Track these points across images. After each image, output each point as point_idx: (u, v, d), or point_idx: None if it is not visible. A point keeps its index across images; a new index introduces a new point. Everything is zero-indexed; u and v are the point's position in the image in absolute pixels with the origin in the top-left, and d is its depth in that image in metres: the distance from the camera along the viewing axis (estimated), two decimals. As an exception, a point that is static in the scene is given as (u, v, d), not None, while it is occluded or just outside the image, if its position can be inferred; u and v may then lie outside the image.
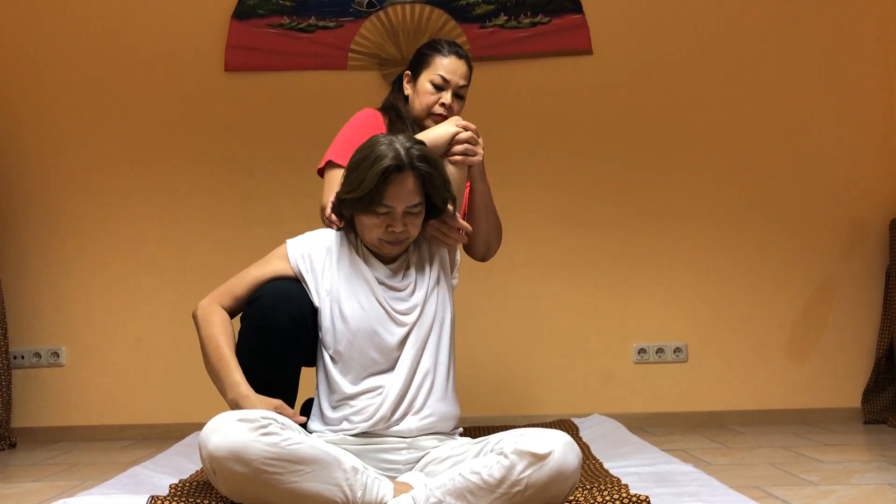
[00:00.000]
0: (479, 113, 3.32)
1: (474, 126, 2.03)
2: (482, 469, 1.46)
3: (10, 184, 3.30)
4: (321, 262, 1.82)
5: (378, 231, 1.74)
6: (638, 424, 3.06)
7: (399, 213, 1.71)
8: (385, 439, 1.68)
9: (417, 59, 2.26)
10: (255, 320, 1.74)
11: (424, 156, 1.72)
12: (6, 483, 2.36)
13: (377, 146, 1.71)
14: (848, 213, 3.28)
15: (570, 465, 1.47)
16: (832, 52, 3.31)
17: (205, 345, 1.74)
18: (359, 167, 1.70)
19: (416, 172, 1.71)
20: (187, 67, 3.33)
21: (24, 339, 3.25)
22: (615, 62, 3.32)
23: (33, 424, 3.22)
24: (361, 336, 1.74)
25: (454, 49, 2.24)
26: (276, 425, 1.46)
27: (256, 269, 1.83)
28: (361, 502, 1.48)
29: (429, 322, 1.79)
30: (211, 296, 1.81)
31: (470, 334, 3.26)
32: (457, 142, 1.97)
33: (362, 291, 1.78)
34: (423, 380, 1.74)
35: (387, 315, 1.77)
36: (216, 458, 1.42)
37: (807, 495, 1.90)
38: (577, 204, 3.31)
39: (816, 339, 3.26)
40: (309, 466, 1.44)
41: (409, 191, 1.70)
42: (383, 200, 1.70)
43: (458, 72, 2.21)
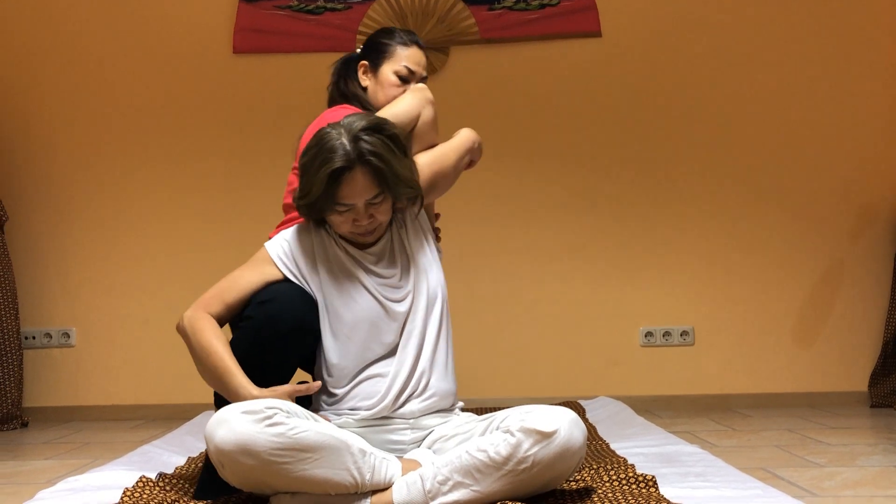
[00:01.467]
0: (488, 95, 3.33)
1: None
2: (489, 447, 1.47)
3: (21, 168, 3.32)
4: (304, 262, 1.76)
5: (346, 226, 1.69)
6: (644, 407, 3.07)
7: (360, 207, 1.65)
8: (389, 421, 1.68)
9: (376, 48, 2.12)
10: (263, 323, 1.66)
11: (374, 149, 1.61)
12: (18, 461, 2.39)
13: (325, 143, 1.62)
14: (856, 198, 3.27)
15: (576, 442, 1.48)
16: (842, 38, 3.28)
17: (198, 354, 1.65)
18: (308, 170, 1.64)
19: (367, 167, 1.61)
20: (196, 50, 3.33)
21: (35, 319, 3.28)
22: (624, 44, 3.31)
23: (44, 404, 3.25)
24: (359, 331, 1.71)
25: (414, 38, 2.13)
26: (281, 414, 1.44)
27: (246, 274, 1.74)
28: (370, 483, 1.49)
29: (424, 305, 1.75)
30: (196, 305, 1.71)
31: (477, 317, 3.27)
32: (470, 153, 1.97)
33: (352, 286, 1.73)
34: (424, 363, 1.73)
35: (381, 307, 1.72)
36: (224, 452, 1.42)
37: (812, 477, 1.90)
38: (584, 187, 3.31)
39: (823, 323, 3.26)
40: (317, 453, 1.44)
41: (364, 186, 1.62)
42: (338, 201, 1.64)
43: (422, 62, 2.11)
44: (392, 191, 1.65)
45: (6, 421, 3.01)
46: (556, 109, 3.32)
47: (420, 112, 1.87)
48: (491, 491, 1.47)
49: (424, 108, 1.88)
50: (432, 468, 1.50)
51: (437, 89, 3.32)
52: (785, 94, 3.29)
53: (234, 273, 1.75)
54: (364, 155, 1.60)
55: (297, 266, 1.75)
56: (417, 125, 1.87)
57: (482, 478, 1.47)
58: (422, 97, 1.90)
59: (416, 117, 1.87)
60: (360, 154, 1.60)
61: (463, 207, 3.32)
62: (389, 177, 1.63)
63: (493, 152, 3.34)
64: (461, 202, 3.32)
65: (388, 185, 1.64)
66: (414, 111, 1.86)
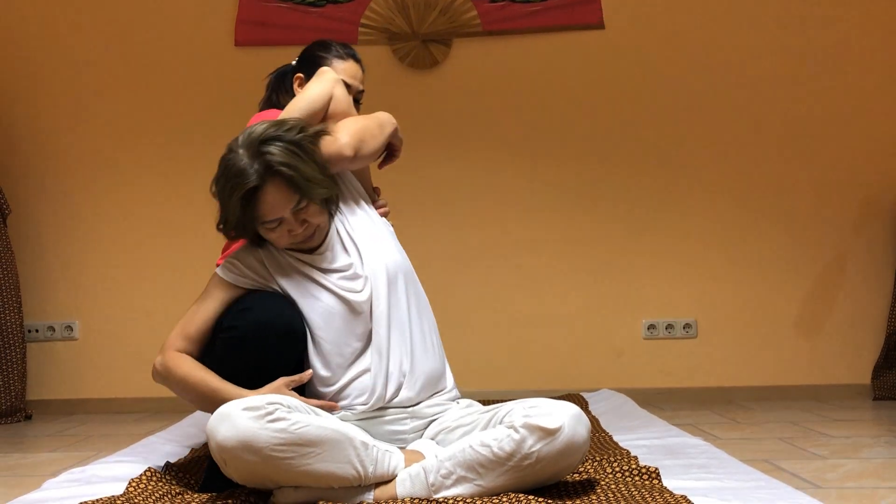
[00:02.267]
0: (490, 87, 3.32)
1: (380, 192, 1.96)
2: (492, 442, 1.47)
3: (24, 160, 3.32)
4: (260, 275, 1.72)
5: (284, 239, 1.66)
6: (647, 400, 3.07)
7: (289, 217, 1.62)
8: (386, 411, 1.67)
9: (312, 61, 2.08)
10: (249, 331, 1.62)
11: (280, 159, 1.57)
12: (22, 453, 2.40)
13: (230, 168, 1.59)
14: (859, 190, 3.26)
15: (580, 437, 1.48)
16: (847, 31, 3.27)
17: (183, 388, 1.64)
18: (222, 198, 1.62)
19: (277, 179, 1.58)
20: (198, 42, 3.33)
21: (38, 313, 3.29)
22: (626, 36, 3.30)
23: (48, 397, 3.26)
24: (331, 331, 1.68)
25: (351, 52, 2.10)
26: (282, 409, 1.43)
27: (204, 304, 1.71)
28: (374, 476, 1.49)
29: (384, 285, 1.70)
30: (161, 350, 1.69)
31: (479, 310, 3.27)
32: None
33: (313, 288, 1.70)
34: (401, 346, 1.69)
35: (343, 302, 1.69)
36: (226, 449, 1.41)
37: (815, 468, 1.90)
38: (587, 179, 3.30)
39: (826, 316, 3.25)
40: (319, 448, 1.43)
41: (282, 198, 1.59)
42: (262, 219, 1.62)
43: (358, 76, 2.08)
44: (308, 195, 1.61)
45: (10, 414, 3.02)
46: (558, 102, 3.32)
47: (331, 93, 1.81)
48: (494, 485, 1.48)
49: (335, 87, 1.83)
50: (436, 461, 1.50)
51: (439, 82, 3.34)
52: (789, 86, 3.28)
53: (190, 308, 1.72)
54: (272, 167, 1.57)
55: (255, 281, 1.72)
56: (332, 106, 1.81)
57: (485, 472, 1.47)
58: (328, 78, 1.84)
59: (328, 99, 1.80)
60: (268, 168, 1.57)
61: (464, 200, 3.32)
62: (301, 182, 1.59)
63: (495, 145, 3.34)
64: (462, 194, 3.32)
65: (302, 190, 1.60)
66: (324, 94, 1.80)
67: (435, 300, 2.76)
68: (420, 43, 3.30)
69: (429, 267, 3.31)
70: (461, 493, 1.47)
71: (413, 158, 3.33)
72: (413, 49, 3.30)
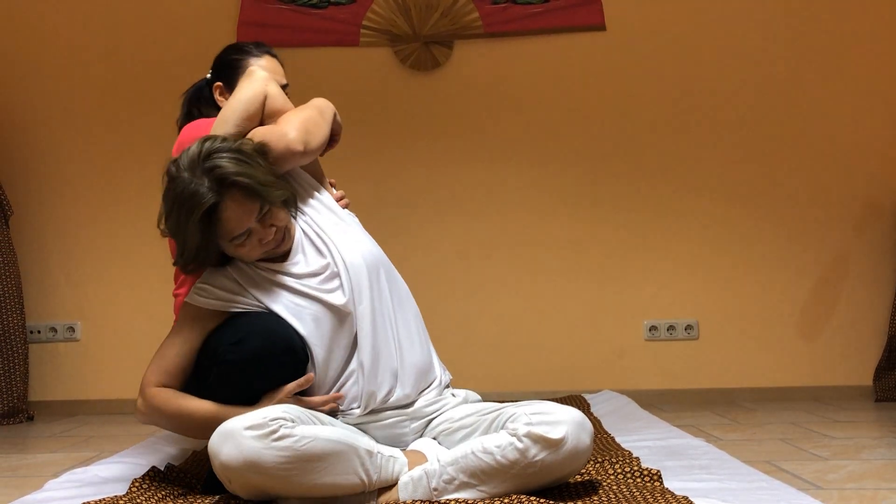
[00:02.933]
0: (492, 89, 3.33)
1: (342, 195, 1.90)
2: (495, 450, 1.46)
3: (26, 162, 3.32)
4: (236, 294, 1.65)
5: (256, 251, 1.61)
6: (648, 401, 3.07)
7: (257, 227, 1.58)
8: (383, 414, 1.65)
9: (229, 66, 2.05)
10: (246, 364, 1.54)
11: (231, 169, 1.53)
12: (24, 454, 2.40)
13: (180, 194, 1.54)
14: (861, 191, 3.26)
15: (583, 445, 1.48)
16: (848, 31, 3.27)
17: (178, 422, 1.59)
18: (179, 229, 1.56)
19: (235, 190, 1.54)
20: (199, 43, 3.32)
21: (40, 314, 3.29)
22: (628, 38, 3.30)
23: (50, 398, 3.26)
24: (319, 337, 1.63)
25: (265, 49, 2.06)
26: (286, 426, 1.40)
27: (179, 337, 1.63)
28: (378, 482, 1.49)
29: (363, 278, 1.66)
30: (143, 389, 1.61)
31: (481, 311, 3.27)
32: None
33: (291, 296, 1.64)
34: (385, 342, 1.66)
35: (323, 305, 1.64)
36: (230, 469, 1.39)
37: (817, 470, 1.90)
38: (588, 181, 3.30)
39: (828, 317, 3.25)
40: (325, 462, 1.42)
41: (244, 210, 1.55)
42: (229, 236, 1.57)
43: (278, 70, 2.04)
44: (268, 199, 1.57)
45: (12, 415, 3.02)
46: (559, 103, 3.32)
47: (265, 91, 1.76)
48: (497, 491, 1.48)
49: (268, 85, 1.78)
50: (438, 466, 1.50)
51: (441, 83, 3.35)
52: (790, 87, 3.28)
53: (164, 343, 1.64)
54: (225, 180, 1.53)
55: (231, 302, 1.64)
56: (268, 104, 1.76)
57: (488, 479, 1.47)
58: (258, 77, 1.80)
59: (263, 98, 1.75)
60: (221, 182, 1.53)
61: (465, 201, 3.32)
62: (258, 188, 1.55)
63: (496, 146, 3.34)
64: (463, 195, 3.33)
65: (262, 196, 1.56)
66: (258, 94, 1.74)
67: (435, 301, 2.79)
68: (421, 44, 3.30)
69: (429, 267, 3.32)
70: (465, 497, 1.47)
71: (414, 159, 3.35)
72: (414, 51, 3.30)
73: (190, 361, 1.62)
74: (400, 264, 2.21)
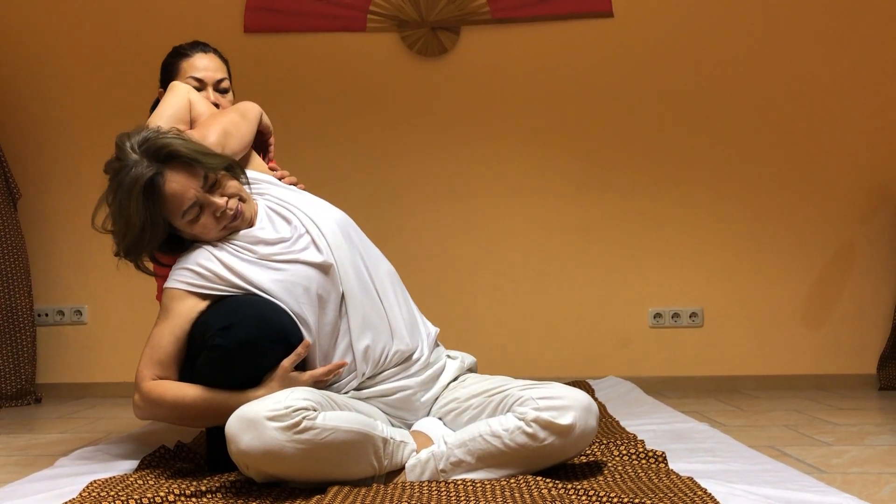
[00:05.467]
0: (499, 75, 3.32)
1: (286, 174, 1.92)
2: (503, 433, 1.48)
3: (34, 146, 3.33)
4: (217, 273, 1.61)
5: (212, 227, 1.61)
6: (653, 388, 3.08)
7: (203, 197, 1.58)
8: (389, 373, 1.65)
9: (165, 72, 2.10)
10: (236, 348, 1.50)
11: (164, 144, 1.56)
12: (33, 434, 2.42)
13: (122, 177, 1.56)
14: (866, 180, 3.26)
15: (590, 428, 1.51)
16: (855, 19, 3.26)
17: (181, 411, 1.55)
18: (122, 210, 1.57)
19: (172, 163, 1.56)
20: (207, 28, 3.32)
21: (48, 297, 3.31)
22: (636, 24, 3.30)
23: (57, 381, 3.28)
24: (311, 302, 1.61)
25: (198, 47, 2.09)
26: (308, 416, 1.39)
27: (167, 325, 1.59)
28: (388, 467, 1.51)
29: (343, 240, 1.66)
30: (136, 385, 1.58)
31: (486, 298, 3.28)
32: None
33: (275, 265, 1.62)
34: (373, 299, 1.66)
35: (310, 265, 1.62)
36: (250, 457, 1.39)
37: (820, 454, 1.91)
38: (594, 168, 3.31)
39: (833, 306, 3.26)
40: (342, 453, 1.43)
41: (186, 179, 1.57)
42: (178, 214, 1.58)
43: (210, 66, 2.06)
44: (208, 167, 1.59)
45: (20, 397, 3.05)
46: (566, 90, 3.32)
47: (186, 99, 1.83)
48: (504, 473, 1.50)
49: (189, 94, 1.85)
50: (445, 448, 1.51)
51: (448, 69, 3.34)
52: (798, 75, 3.27)
53: (153, 333, 1.61)
54: (161, 153, 1.56)
55: (214, 282, 1.60)
56: (194, 111, 1.83)
57: (495, 462, 1.49)
58: (178, 89, 1.87)
59: (186, 106, 1.82)
60: (156, 155, 1.56)
61: (472, 187, 3.33)
62: (196, 156, 1.58)
63: (503, 132, 3.34)
64: (470, 181, 3.33)
65: (201, 163, 1.58)
66: (179, 103, 1.82)
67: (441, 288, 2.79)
68: (429, 30, 3.30)
69: (434, 252, 3.32)
70: (471, 478, 1.49)
71: (421, 145, 3.35)
72: (422, 36, 3.30)
73: (181, 348, 1.59)
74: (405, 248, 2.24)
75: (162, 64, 2.15)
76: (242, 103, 1.92)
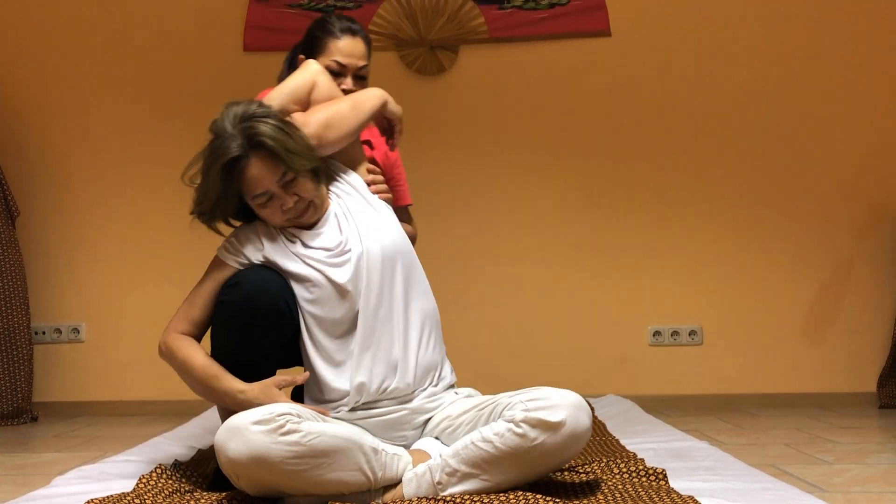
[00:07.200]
0: (497, 94, 3.34)
1: (377, 173, 1.93)
2: (494, 437, 1.47)
3: (33, 164, 3.34)
4: (252, 252, 1.73)
5: (278, 216, 1.68)
6: (652, 406, 3.07)
7: (277, 191, 1.64)
8: (379, 404, 1.65)
9: (310, 42, 2.09)
10: (236, 303, 1.64)
11: (261, 131, 1.61)
12: (29, 453, 2.41)
13: (215, 143, 1.63)
14: (864, 197, 3.27)
15: (583, 426, 1.48)
16: (850, 38, 3.29)
17: (183, 370, 1.67)
18: (205, 172, 1.65)
19: (260, 151, 1.62)
20: (206, 47, 3.35)
21: (45, 315, 3.30)
22: (633, 44, 3.32)
23: (54, 399, 3.27)
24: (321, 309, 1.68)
25: (347, 27, 2.06)
26: (293, 420, 1.42)
27: (202, 286, 1.74)
28: (382, 480, 1.50)
29: (378, 266, 1.68)
30: (167, 330, 1.72)
31: (485, 316, 3.28)
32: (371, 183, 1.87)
33: (299, 266, 1.70)
34: (394, 334, 1.67)
35: (327, 279, 1.68)
36: (238, 464, 1.40)
37: (821, 473, 1.91)
38: (593, 186, 3.31)
39: (832, 323, 3.25)
40: (331, 458, 1.43)
41: (266, 168, 1.62)
42: (250, 193, 1.64)
43: (356, 52, 2.04)
44: (291, 166, 1.63)
45: (16, 415, 3.03)
46: (564, 108, 3.33)
47: (313, 82, 1.84)
48: (500, 479, 1.49)
49: (317, 77, 1.85)
50: (440, 460, 1.51)
51: (446, 88, 3.36)
52: (794, 92, 3.29)
53: (192, 291, 1.75)
54: (253, 139, 1.61)
55: (246, 258, 1.73)
56: (314, 94, 1.83)
57: (490, 467, 1.48)
58: (309, 70, 1.87)
59: (309, 89, 1.83)
60: (250, 139, 1.61)
61: (470, 204, 3.33)
62: (284, 153, 1.62)
63: (501, 151, 3.35)
64: (468, 199, 3.34)
65: (286, 162, 1.63)
66: (304, 84, 1.83)
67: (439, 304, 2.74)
68: (427, 49, 3.32)
69: (430, 272, 3.31)
70: (467, 489, 1.48)
71: (419, 163, 3.35)
72: (420, 55, 3.32)
73: (211, 309, 1.72)
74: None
75: (309, 29, 2.12)
76: (363, 92, 1.92)
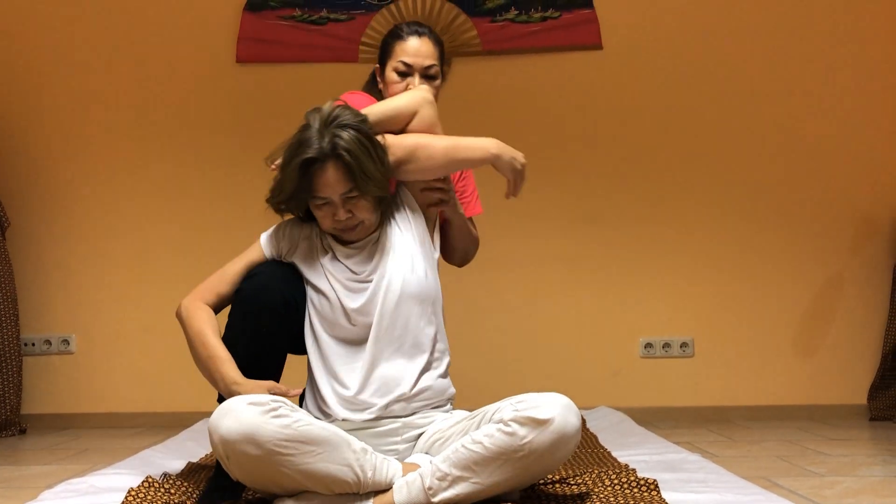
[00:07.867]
0: (489, 107, 3.35)
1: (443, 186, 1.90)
2: (483, 439, 1.47)
3: (23, 174, 3.33)
4: (286, 247, 1.80)
5: (328, 221, 1.70)
6: (644, 418, 3.07)
7: (337, 201, 1.66)
8: (379, 421, 1.66)
9: (382, 49, 2.10)
10: (248, 296, 1.70)
11: (346, 144, 1.62)
12: (17, 466, 2.38)
13: (301, 136, 1.66)
14: (856, 210, 3.29)
15: (571, 426, 1.48)
16: (842, 49, 3.31)
17: (192, 340, 1.70)
18: (285, 162, 1.68)
19: (338, 161, 1.63)
20: (199, 59, 3.35)
21: (35, 326, 3.28)
22: (624, 57, 3.34)
23: (43, 411, 3.24)
24: (328, 322, 1.73)
25: (414, 29, 2.04)
26: (285, 408, 1.45)
27: (234, 263, 1.82)
28: (372, 482, 1.49)
29: (393, 304, 1.70)
30: (192, 294, 1.78)
31: (476, 328, 3.27)
32: (429, 189, 1.85)
33: (316, 274, 1.75)
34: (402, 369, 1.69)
35: (337, 297, 1.72)
36: (229, 442, 1.42)
37: (813, 486, 1.91)
38: (584, 198, 3.32)
39: (823, 336, 3.26)
40: (321, 447, 1.44)
41: (335, 180, 1.63)
42: (312, 192, 1.66)
43: (421, 52, 2.01)
44: (360, 187, 1.64)
45: (4, 427, 3.00)
46: (556, 121, 3.34)
47: (416, 110, 1.81)
48: (491, 482, 1.48)
49: (422, 107, 1.83)
50: (430, 466, 1.51)
51: (439, 100, 3.34)
52: (786, 107, 3.31)
53: (228, 265, 1.82)
54: (336, 148, 1.62)
55: (279, 250, 1.80)
56: (413, 123, 1.81)
57: (480, 469, 1.47)
58: (418, 96, 1.84)
59: (410, 115, 1.81)
60: (333, 148, 1.62)
61: (464, 218, 3.33)
62: (358, 173, 1.63)
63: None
64: (462, 212, 3.34)
65: (357, 181, 1.64)
66: (406, 108, 1.80)
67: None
68: (420, 62, 3.32)
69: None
70: (459, 492, 1.48)
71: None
72: (413, 68, 3.32)
73: (236, 287, 1.76)
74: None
75: (382, 41, 2.13)
76: (474, 139, 1.93)
